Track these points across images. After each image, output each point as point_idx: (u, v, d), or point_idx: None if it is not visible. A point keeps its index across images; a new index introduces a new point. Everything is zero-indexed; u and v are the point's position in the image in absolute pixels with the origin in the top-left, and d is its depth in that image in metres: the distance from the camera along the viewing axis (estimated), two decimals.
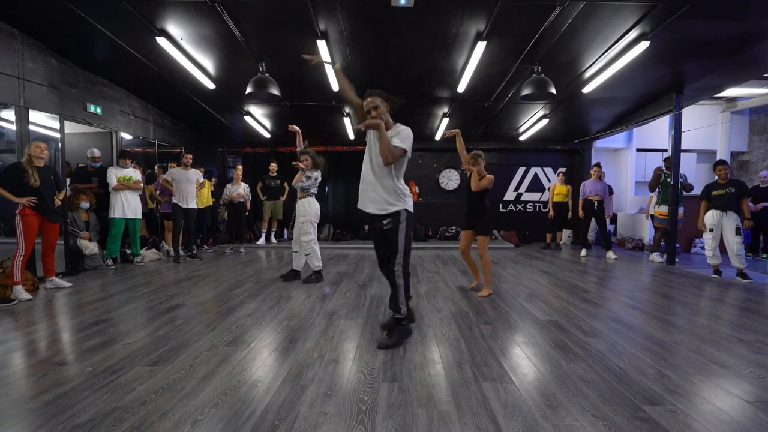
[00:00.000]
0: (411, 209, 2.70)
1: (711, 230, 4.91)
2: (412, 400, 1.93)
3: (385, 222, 2.62)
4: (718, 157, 8.66)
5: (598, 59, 4.79)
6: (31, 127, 4.48)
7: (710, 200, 4.94)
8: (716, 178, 4.97)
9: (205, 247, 7.48)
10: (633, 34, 4.18)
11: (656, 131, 8.61)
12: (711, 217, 4.89)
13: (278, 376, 2.18)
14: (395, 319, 2.70)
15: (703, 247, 7.53)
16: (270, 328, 3.00)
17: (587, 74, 5.23)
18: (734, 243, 4.70)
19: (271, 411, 1.82)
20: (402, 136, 2.54)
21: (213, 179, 7.65)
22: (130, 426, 1.69)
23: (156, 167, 6.93)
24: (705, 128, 8.10)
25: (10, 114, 4.22)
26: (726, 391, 2.03)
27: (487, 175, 4.07)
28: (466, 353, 2.51)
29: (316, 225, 4.51)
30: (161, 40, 4.24)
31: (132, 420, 1.74)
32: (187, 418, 1.76)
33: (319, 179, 4.53)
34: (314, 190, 4.51)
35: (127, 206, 5.41)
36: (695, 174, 8.59)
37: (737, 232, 4.68)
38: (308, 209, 4.43)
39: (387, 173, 2.59)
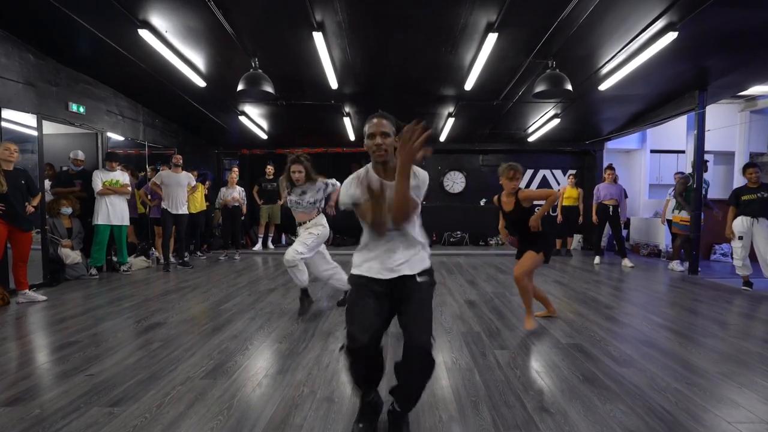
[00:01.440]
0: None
1: (740, 238, 4.53)
2: None
3: (420, 278, 1.67)
4: (737, 158, 8.27)
5: (618, 53, 4.42)
6: (8, 126, 4.15)
7: (739, 206, 4.57)
8: (746, 181, 4.59)
9: (199, 253, 7.14)
10: (659, 24, 3.81)
11: (672, 131, 8.21)
12: (740, 223, 4.52)
13: (260, 419, 1.82)
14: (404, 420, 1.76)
15: (723, 254, 7.16)
16: (257, 353, 2.65)
17: (605, 70, 4.86)
18: (767, 252, 4.32)
19: None
20: (416, 184, 1.64)
21: (207, 183, 7.31)
22: None
23: (149, 170, 6.60)
24: (723, 129, 7.71)
25: None
26: None
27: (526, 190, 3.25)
28: (482, 388, 2.15)
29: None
30: (144, 33, 3.91)
31: None
32: None
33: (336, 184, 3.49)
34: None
35: (113, 212, 5.06)
36: (712, 176, 8.19)
37: None
38: (327, 230, 3.56)
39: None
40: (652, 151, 8.52)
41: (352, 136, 7.81)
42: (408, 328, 1.58)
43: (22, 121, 4.39)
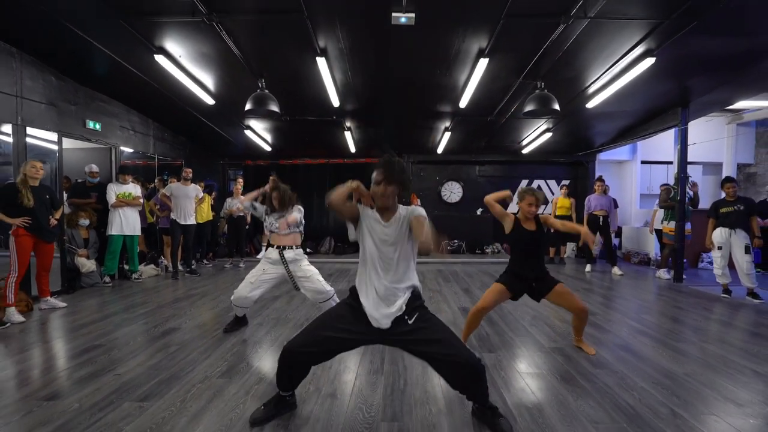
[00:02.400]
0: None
1: (719, 248, 4.79)
2: None
3: (407, 317, 1.88)
4: (725, 170, 8.56)
5: (602, 75, 4.72)
6: (32, 141, 4.45)
7: (718, 218, 4.84)
8: (723, 195, 4.86)
9: (205, 261, 7.40)
10: (638, 51, 4.12)
11: (661, 143, 8.51)
12: (719, 234, 4.78)
13: None
14: (488, 406, 1.99)
15: (710, 262, 7.40)
16: (267, 355, 2.91)
17: (591, 89, 5.16)
18: (744, 262, 4.58)
19: None
20: (424, 215, 1.88)
21: (213, 193, 7.59)
22: None
23: (156, 180, 6.89)
24: (711, 141, 8.00)
25: (7, 128, 4.19)
26: None
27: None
28: None
29: None
30: (159, 58, 4.21)
31: None
32: None
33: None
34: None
35: (126, 223, 5.35)
36: (701, 187, 8.46)
37: (746, 250, 4.56)
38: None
39: (408, 255, 1.94)
40: (642, 162, 8.80)
41: (352, 149, 8.11)
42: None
43: (42, 136, 4.69)
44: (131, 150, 6.25)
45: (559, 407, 2.17)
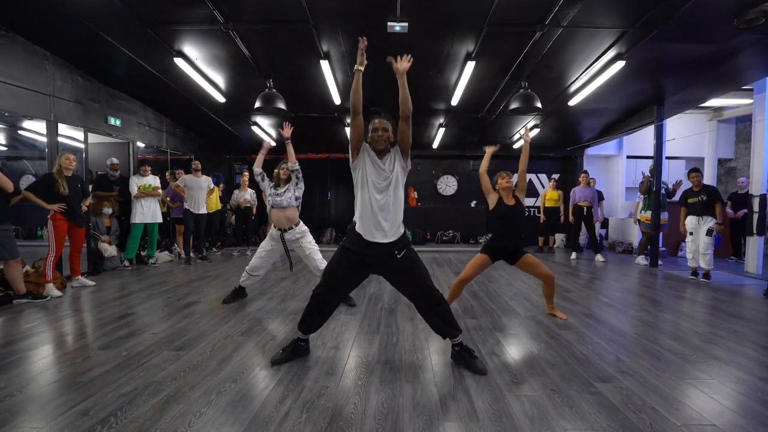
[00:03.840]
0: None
1: (691, 233, 5.24)
2: (400, 377, 2.29)
3: (397, 252, 2.36)
4: (706, 164, 9.00)
5: (580, 75, 5.16)
6: (60, 139, 4.89)
7: (687, 206, 5.28)
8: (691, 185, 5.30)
9: (214, 249, 7.86)
10: (610, 54, 4.55)
11: (646, 138, 8.92)
12: (690, 222, 5.23)
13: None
14: (463, 347, 2.46)
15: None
16: (278, 321, 3.37)
17: (572, 88, 5.60)
18: (702, 242, 5.03)
19: (281, 385, 2.18)
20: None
21: (221, 184, 8.05)
22: (166, 395, 2.06)
23: (167, 174, 7.34)
24: (693, 136, 8.44)
25: (41, 127, 4.64)
26: (669, 373, 2.37)
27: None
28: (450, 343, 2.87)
29: None
30: (179, 61, 4.65)
31: (167, 390, 2.11)
32: (212, 390, 2.13)
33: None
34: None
35: (147, 212, 5.84)
36: (684, 180, 8.90)
37: (708, 233, 5.01)
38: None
39: (398, 188, 2.39)
40: (628, 157, 9.24)
41: None
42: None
43: (69, 134, 5.13)
44: (144, 145, 6.70)
45: (524, 356, 2.64)
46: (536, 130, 7.68)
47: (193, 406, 1.96)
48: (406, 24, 3.86)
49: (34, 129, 4.88)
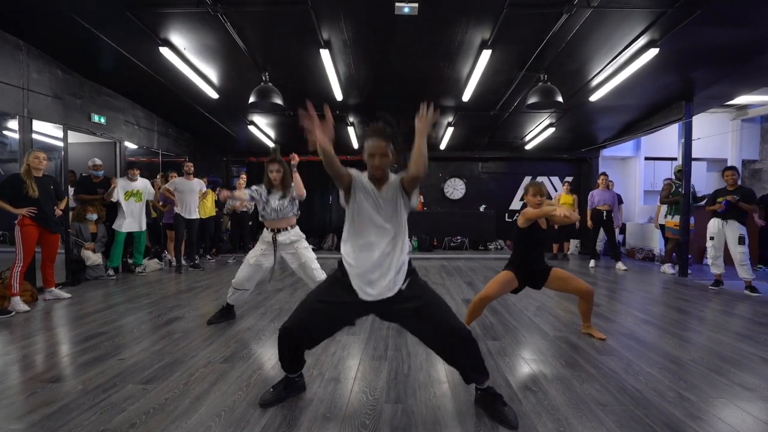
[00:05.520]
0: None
1: (711, 238, 4.75)
2: (416, 423, 1.82)
3: (405, 296, 1.83)
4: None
5: (605, 67, 4.71)
6: (36, 137, 4.47)
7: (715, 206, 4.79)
8: (725, 184, 4.82)
9: (208, 256, 7.42)
10: (642, 41, 4.10)
11: (665, 139, 8.48)
12: (712, 225, 4.75)
13: None
14: (489, 392, 1.94)
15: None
16: (269, 342, 2.90)
17: (594, 82, 5.15)
18: (737, 253, 4.53)
19: None
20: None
21: (218, 189, 7.61)
22: None
23: (159, 176, 6.91)
24: (715, 136, 7.96)
25: (14, 124, 4.22)
26: (754, 418, 1.89)
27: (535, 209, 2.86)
28: None
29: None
30: (164, 50, 4.23)
31: None
32: None
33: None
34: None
35: (132, 220, 5.40)
36: (705, 183, 8.42)
37: (740, 241, 4.51)
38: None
39: (400, 225, 1.86)
40: (646, 159, 8.77)
41: (355, 144, 8.12)
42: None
43: (48, 132, 4.71)
44: (135, 146, 6.28)
45: (564, 390, 2.16)
46: (551, 130, 7.22)
47: None
48: (416, 5, 3.43)
49: (8, 126, 4.46)
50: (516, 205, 9.28)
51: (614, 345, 2.88)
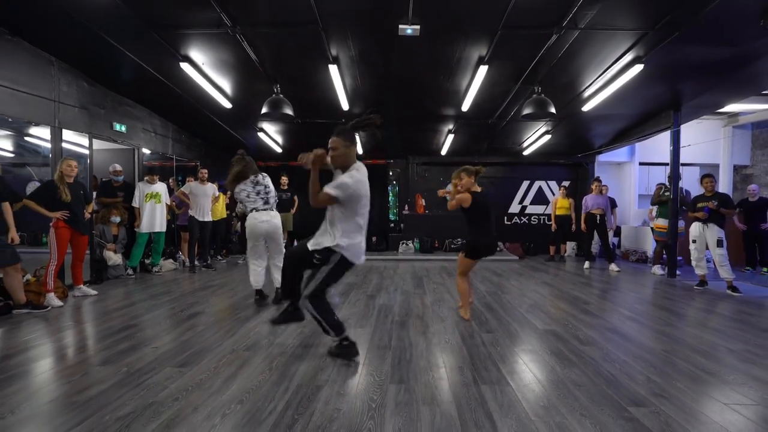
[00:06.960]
0: (348, 255, 2.52)
1: (694, 241, 5.05)
2: (417, 399, 2.13)
3: (317, 257, 2.53)
4: (721, 171, 8.80)
5: (595, 80, 5.02)
6: (64, 145, 4.81)
7: (695, 212, 5.08)
8: (703, 190, 5.11)
9: (219, 257, 7.74)
10: (627, 58, 4.41)
11: (659, 145, 8.76)
12: (694, 228, 5.05)
13: (296, 377, 2.39)
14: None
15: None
16: (285, 334, 3.21)
17: (586, 93, 5.46)
18: (717, 255, 4.82)
19: (290, 407, 2.03)
20: (337, 184, 2.43)
21: (228, 193, 7.94)
22: (167, 418, 1.92)
23: (171, 180, 7.25)
24: (707, 143, 8.26)
25: (46, 133, 4.57)
26: (709, 396, 2.19)
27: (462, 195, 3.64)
28: (467, 359, 2.71)
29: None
30: (185, 66, 4.57)
31: (168, 413, 1.96)
32: (216, 412, 1.98)
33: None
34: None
35: (153, 221, 5.75)
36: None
37: (719, 244, 4.80)
38: None
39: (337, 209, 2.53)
40: (640, 164, 9.06)
41: (360, 150, 8.46)
42: None
43: (73, 140, 5.06)
44: (150, 152, 6.62)
45: (547, 374, 2.47)
46: (548, 137, 7.53)
47: (196, 431, 1.81)
48: (418, 27, 3.75)
49: (39, 135, 4.81)
50: (514, 208, 9.58)
51: (597, 338, 3.18)
